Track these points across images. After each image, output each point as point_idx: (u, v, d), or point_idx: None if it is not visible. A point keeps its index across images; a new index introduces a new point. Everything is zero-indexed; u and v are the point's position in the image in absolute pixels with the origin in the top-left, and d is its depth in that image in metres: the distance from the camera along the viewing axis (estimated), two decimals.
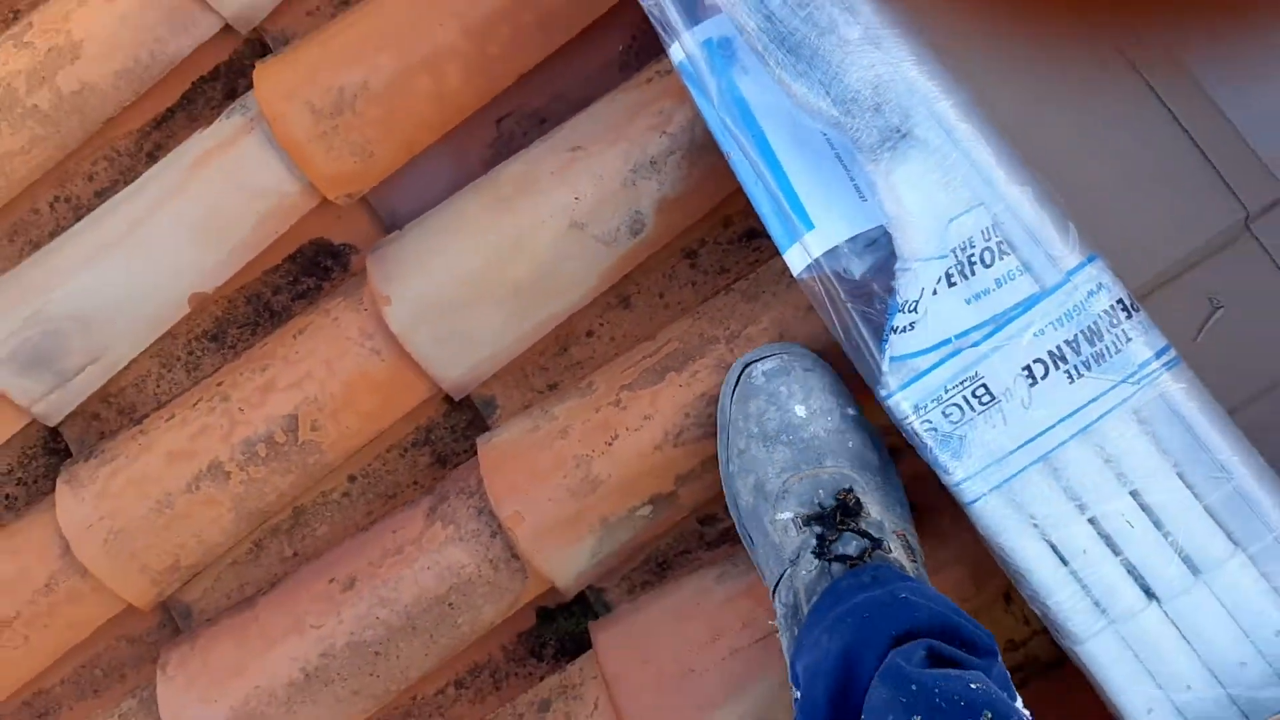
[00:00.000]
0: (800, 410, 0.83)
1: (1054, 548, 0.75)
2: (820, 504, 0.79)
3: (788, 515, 0.80)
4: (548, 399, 0.96)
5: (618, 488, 0.90)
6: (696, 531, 0.95)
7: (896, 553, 0.77)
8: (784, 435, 0.82)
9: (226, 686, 0.94)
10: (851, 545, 0.76)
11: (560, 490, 0.90)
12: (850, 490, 0.79)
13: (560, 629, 0.98)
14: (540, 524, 0.91)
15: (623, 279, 0.95)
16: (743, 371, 0.85)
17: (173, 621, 1.04)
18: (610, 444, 0.90)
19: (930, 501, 0.86)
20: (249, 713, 0.94)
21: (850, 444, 0.82)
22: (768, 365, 0.84)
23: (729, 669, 0.87)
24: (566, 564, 0.92)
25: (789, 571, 0.78)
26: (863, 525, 0.78)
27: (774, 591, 0.81)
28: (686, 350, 0.91)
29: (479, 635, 0.95)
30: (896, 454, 0.91)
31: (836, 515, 0.78)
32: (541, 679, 0.96)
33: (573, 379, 0.97)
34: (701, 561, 0.94)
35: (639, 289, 0.97)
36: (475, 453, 0.96)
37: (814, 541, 0.77)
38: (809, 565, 0.77)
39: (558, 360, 0.98)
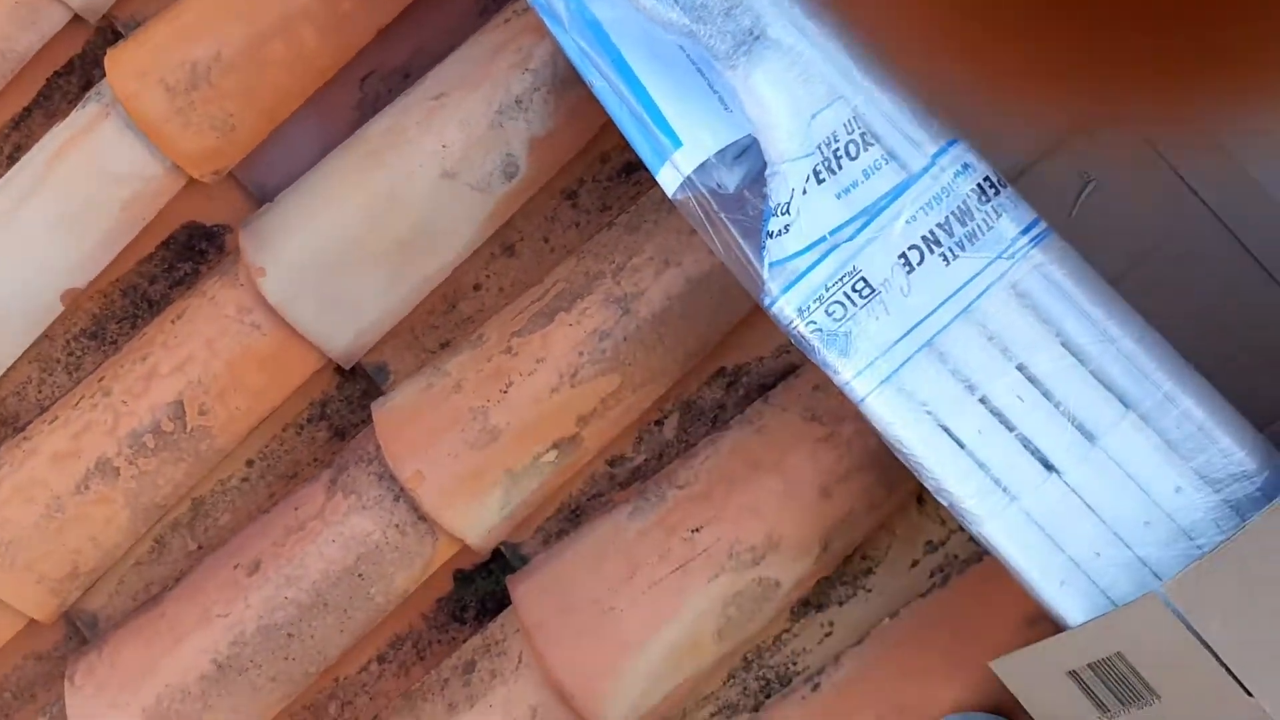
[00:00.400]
0: None
1: (949, 432, 0.74)
2: None
3: None
4: (440, 357, 0.94)
5: (518, 435, 0.88)
6: (606, 474, 0.93)
7: None
8: None
9: (137, 689, 0.91)
10: None
11: (459, 444, 0.88)
12: None
13: (479, 590, 0.96)
14: (443, 481, 0.88)
15: (505, 227, 0.93)
16: None
17: (79, 633, 1.00)
18: (505, 392, 0.88)
19: (832, 410, 0.85)
20: (162, 713, 0.90)
21: None
22: None
23: (649, 603, 0.85)
24: (475, 520, 0.90)
25: None
26: None
27: None
28: (574, 289, 0.90)
29: (395, 605, 0.93)
30: (796, 369, 0.90)
31: None
32: (465, 642, 0.94)
33: (464, 334, 0.95)
34: (615, 503, 0.93)
35: (522, 236, 0.95)
36: (372, 421, 0.93)
37: None
38: None
39: (447, 318, 0.96)
